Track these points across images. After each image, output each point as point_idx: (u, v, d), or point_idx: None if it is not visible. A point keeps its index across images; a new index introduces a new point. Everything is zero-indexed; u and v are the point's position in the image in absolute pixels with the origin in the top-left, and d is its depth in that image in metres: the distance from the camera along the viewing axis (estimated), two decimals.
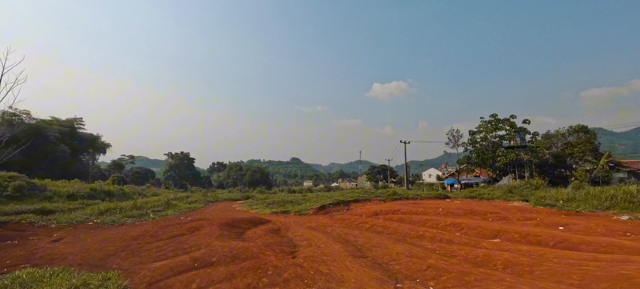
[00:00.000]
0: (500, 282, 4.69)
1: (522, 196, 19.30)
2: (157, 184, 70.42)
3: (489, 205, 17.16)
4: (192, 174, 76.67)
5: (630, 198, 14.11)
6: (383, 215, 14.66)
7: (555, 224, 10.75)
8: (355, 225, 12.14)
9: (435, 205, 17.18)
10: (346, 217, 14.30)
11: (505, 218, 12.55)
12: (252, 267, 5.63)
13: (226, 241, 7.98)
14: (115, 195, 22.59)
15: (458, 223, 11.12)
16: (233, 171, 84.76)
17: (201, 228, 10.05)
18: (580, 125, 47.43)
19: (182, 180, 72.43)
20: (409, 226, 10.61)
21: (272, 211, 17.29)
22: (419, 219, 12.54)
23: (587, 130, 45.98)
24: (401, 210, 15.28)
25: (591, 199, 15.46)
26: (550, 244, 8.00)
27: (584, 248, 7.40)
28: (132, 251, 8.01)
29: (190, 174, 75.64)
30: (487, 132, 34.46)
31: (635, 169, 37.97)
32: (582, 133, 45.12)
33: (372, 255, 7.02)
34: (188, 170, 75.97)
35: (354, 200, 19.64)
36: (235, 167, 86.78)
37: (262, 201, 21.78)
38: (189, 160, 77.29)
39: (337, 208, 17.28)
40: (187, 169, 75.87)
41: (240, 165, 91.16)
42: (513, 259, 6.09)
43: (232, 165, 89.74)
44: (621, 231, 8.97)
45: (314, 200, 19.93)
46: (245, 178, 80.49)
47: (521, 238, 8.65)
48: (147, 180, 71.86)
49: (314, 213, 16.25)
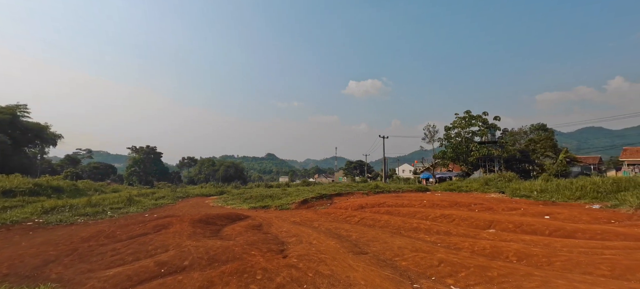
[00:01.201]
0: (529, 277, 4.11)
1: (498, 188, 19.92)
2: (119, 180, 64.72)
3: (470, 197, 17.38)
4: (159, 170, 71.44)
5: (598, 188, 14.92)
6: (369, 208, 14.09)
7: (540, 213, 10.83)
8: (343, 219, 11.38)
9: (418, 198, 17.02)
10: (331, 211, 13.52)
11: (490, 208, 12.53)
12: (235, 271, 4.56)
13: (201, 240, 6.76)
14: (65, 191, 19.78)
15: (448, 214, 10.80)
16: (205, 166, 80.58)
17: (169, 226, 8.65)
18: (540, 124, 51.15)
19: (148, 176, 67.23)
20: (401, 219, 10.06)
21: (250, 206, 16.02)
22: (407, 211, 12.10)
23: (545, 128, 49.74)
24: (386, 203, 14.84)
25: (562, 190, 16.20)
26: (546, 233, 7.81)
27: (580, 235, 7.26)
28: (80, 255, 6.51)
29: (157, 170, 70.42)
30: (461, 128, 35.75)
31: (586, 164, 41.70)
32: (541, 131, 48.72)
33: (372, 251, 6.25)
34: (155, 165, 70.69)
35: (337, 194, 18.96)
36: (207, 162, 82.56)
37: (239, 197, 20.31)
38: (155, 154, 71.91)
39: (320, 202, 16.45)
40: (154, 164, 70.59)
41: (213, 161, 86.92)
42: (524, 250, 5.65)
43: (204, 160, 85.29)
44: (605, 218, 9.14)
45: (295, 194, 18.93)
46: (218, 174, 76.85)
47: (516, 228, 8.42)
48: (108, 176, 65.75)
49: (296, 207, 15.27)
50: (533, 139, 41.04)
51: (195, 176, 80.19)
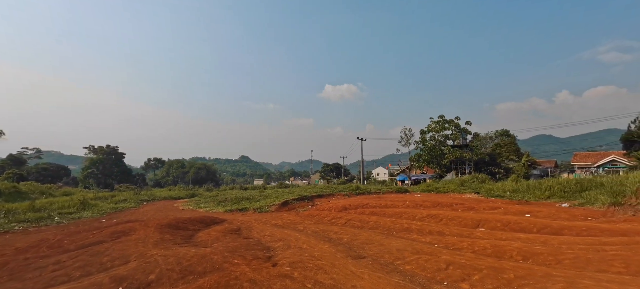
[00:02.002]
0: (550, 278, 3.76)
1: (473, 189, 20.56)
2: (73, 183, 58.44)
3: (449, 197, 17.64)
4: (121, 171, 65.67)
5: (564, 188, 15.81)
6: (353, 209, 13.62)
7: (520, 211, 11.06)
8: (328, 221, 10.75)
9: (400, 199, 16.92)
10: (314, 213, 12.83)
11: (472, 208, 12.65)
12: (216, 284, 3.72)
13: (170, 248, 5.73)
14: (3, 194, 16.98)
15: (434, 214, 10.62)
16: (173, 168, 75.78)
17: (131, 233, 7.42)
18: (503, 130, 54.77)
19: (108, 178, 61.48)
20: (390, 219, 9.66)
21: (225, 209, 14.81)
22: (393, 212, 11.78)
23: (508, 134, 53.39)
24: (370, 204, 14.48)
25: (533, 190, 17.01)
26: (534, 230, 7.80)
27: (567, 232, 7.32)
28: (11, 271, 5.21)
29: (118, 171, 64.69)
30: (435, 132, 37.05)
31: (544, 167, 45.27)
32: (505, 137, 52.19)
33: (370, 254, 5.68)
34: (116, 167, 64.94)
35: (318, 195, 18.32)
36: (176, 164, 77.72)
37: (212, 199, 18.88)
38: (117, 155, 66.11)
39: (301, 204, 15.68)
40: (115, 165, 64.84)
41: (182, 162, 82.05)
42: (526, 248, 5.42)
43: (172, 162, 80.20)
44: (582, 216, 9.46)
45: (274, 195, 17.97)
46: (188, 176, 72.61)
47: (504, 226, 8.37)
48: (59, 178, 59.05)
49: (276, 209, 14.36)
50: (499, 144, 43.76)
51: (162, 179, 74.98)
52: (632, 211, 8.65)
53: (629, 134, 37.23)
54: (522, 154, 42.29)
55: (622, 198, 9.42)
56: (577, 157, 48.48)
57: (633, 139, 36.02)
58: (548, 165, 46.45)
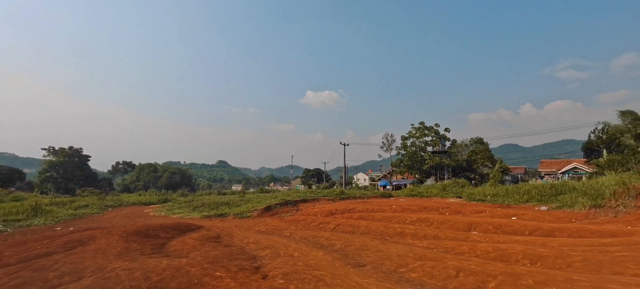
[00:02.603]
0: (573, 283, 3.45)
1: (455, 194, 20.89)
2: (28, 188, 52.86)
3: (433, 202, 17.69)
4: (85, 175, 60.46)
5: (541, 192, 16.41)
6: (340, 213, 13.11)
7: (506, 214, 11.14)
8: (315, 226, 10.13)
9: (386, 203, 16.69)
10: (299, 218, 12.15)
11: (459, 211, 12.63)
12: None
13: (137, 260, 4.85)
14: None
15: (424, 218, 10.38)
16: (145, 172, 71.26)
17: (89, 242, 6.35)
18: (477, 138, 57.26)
19: (69, 182, 56.32)
20: (381, 224, 9.24)
21: (202, 215, 13.69)
22: (382, 216, 11.43)
23: (482, 141, 55.89)
24: (357, 209, 14.06)
25: (511, 194, 17.52)
26: (527, 233, 7.73)
27: (559, 234, 7.29)
28: None
29: (82, 175, 59.50)
30: (416, 138, 37.83)
31: (515, 174, 47.70)
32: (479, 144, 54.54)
33: (369, 261, 5.17)
34: (79, 170, 59.75)
35: (302, 200, 17.63)
36: (147, 168, 73.17)
37: (187, 205, 17.52)
38: (80, 157, 60.89)
39: (285, 209, 14.91)
40: (78, 169, 59.67)
41: (154, 166, 77.44)
42: (530, 251, 5.18)
43: (143, 166, 75.44)
44: (566, 218, 9.64)
45: (255, 200, 17.03)
46: (161, 181, 68.53)
47: (496, 229, 8.25)
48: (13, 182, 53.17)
49: (258, 215, 13.49)
50: (474, 151, 45.56)
51: (131, 184, 70.13)
52: (612, 212, 8.91)
53: (589, 143, 40.24)
54: (496, 161, 44.22)
55: (602, 201, 9.73)
56: (543, 164, 51.66)
57: (593, 147, 38.94)
58: (518, 171, 49.08)
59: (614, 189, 9.66)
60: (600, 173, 31.69)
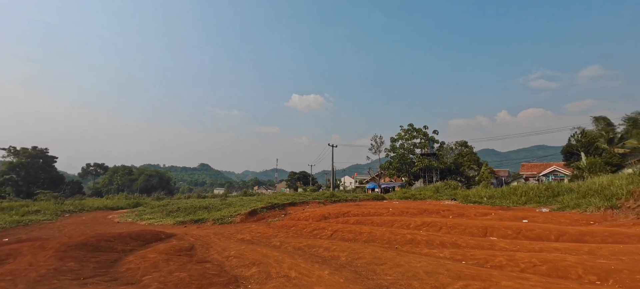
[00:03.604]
0: None
1: (448, 196, 20.18)
2: None
3: (430, 204, 16.78)
4: (50, 178, 55.37)
5: (539, 194, 15.92)
6: (334, 218, 11.81)
7: (515, 217, 10.28)
8: (309, 233, 8.75)
9: (381, 206, 15.58)
10: (289, 223, 10.72)
11: (462, 214, 11.68)
12: None
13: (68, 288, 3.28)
14: None
15: (429, 222, 9.28)
16: (119, 175, 66.65)
17: (8, 260, 4.66)
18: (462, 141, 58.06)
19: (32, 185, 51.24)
20: (386, 230, 8.01)
21: (176, 221, 11.92)
22: (381, 220, 10.23)
23: (466, 144, 56.70)
24: (351, 212, 12.81)
25: (508, 196, 16.94)
26: (552, 238, 6.78)
27: (590, 238, 6.37)
28: None
29: (47, 178, 54.43)
30: (405, 140, 37.36)
31: (500, 176, 48.48)
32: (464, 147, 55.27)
33: (391, 282, 3.89)
34: (44, 173, 54.69)
35: (290, 203, 16.15)
36: (121, 171, 68.53)
37: (160, 209, 15.58)
38: (46, 158, 55.80)
39: (272, 213, 13.40)
40: (42, 171, 54.61)
41: (130, 169, 72.71)
42: (591, 264, 4.11)
43: (117, 168, 70.65)
44: (583, 220, 8.86)
45: (239, 204, 15.37)
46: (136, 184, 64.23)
47: (517, 234, 7.25)
48: None
49: (242, 220, 11.91)
50: (461, 153, 45.91)
51: (104, 187, 65.26)
52: (633, 214, 8.20)
53: (568, 146, 41.49)
54: (481, 164, 44.68)
55: (618, 201, 9.05)
56: (525, 167, 53.01)
57: (572, 151, 40.14)
58: (502, 174, 50.02)
59: (630, 189, 9.01)
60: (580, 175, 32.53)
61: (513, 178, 53.22)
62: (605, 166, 31.24)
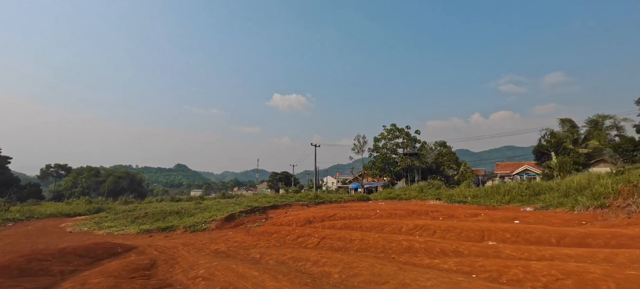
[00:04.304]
0: None
1: (433, 195, 20.07)
2: None
3: (415, 205, 16.44)
4: (2, 181, 49.88)
5: (521, 192, 16.07)
6: (319, 222, 10.97)
7: (505, 218, 10.01)
8: (293, 241, 7.85)
9: (368, 207, 14.96)
10: (270, 229, 9.74)
11: (452, 215, 11.29)
12: None
13: None
14: None
15: (422, 225, 8.71)
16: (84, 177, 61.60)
17: None
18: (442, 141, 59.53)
19: None
20: (379, 236, 7.29)
21: (141, 229, 10.51)
22: (370, 224, 9.54)
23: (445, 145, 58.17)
24: (338, 215, 12.04)
25: (492, 195, 17.00)
26: (553, 241, 6.39)
27: (592, 242, 6.03)
28: None
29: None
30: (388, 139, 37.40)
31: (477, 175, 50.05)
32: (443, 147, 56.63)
33: None
34: None
35: (272, 206, 15.12)
36: (87, 172, 63.41)
37: (126, 215, 13.95)
38: None
39: (252, 218, 12.32)
40: None
41: (97, 170, 67.46)
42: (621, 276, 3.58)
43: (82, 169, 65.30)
44: (574, 220, 8.68)
45: (214, 208, 14.11)
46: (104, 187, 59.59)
47: (516, 238, 6.81)
48: None
49: (218, 226, 10.74)
50: (441, 153, 46.87)
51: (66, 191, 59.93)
52: (623, 213, 8.10)
53: (539, 147, 43.62)
54: (460, 163, 45.83)
55: (606, 200, 8.98)
56: (499, 166, 55.24)
57: (543, 151, 42.22)
58: (479, 173, 51.75)
59: (619, 188, 8.97)
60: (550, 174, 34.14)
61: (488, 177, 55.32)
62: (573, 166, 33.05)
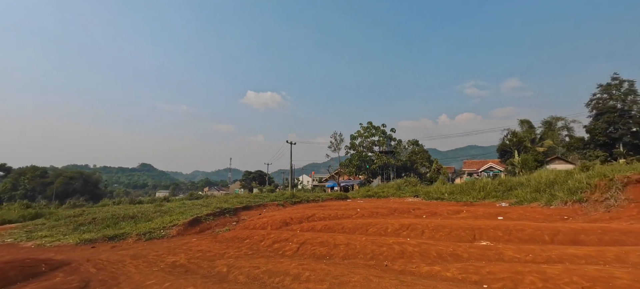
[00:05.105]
0: None
1: (411, 192, 20.00)
2: None
3: (395, 202, 16.10)
4: None
5: (495, 188, 16.41)
6: (297, 223, 10.03)
7: (488, 214, 9.82)
8: (268, 247, 6.81)
9: (348, 206, 14.28)
10: (242, 234, 8.58)
11: (435, 213, 10.95)
12: None
13: None
14: None
15: (407, 224, 8.14)
16: (27, 178, 54.48)
17: None
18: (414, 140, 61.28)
19: None
20: (366, 239, 6.52)
21: (82, 239, 8.76)
22: (352, 224, 8.79)
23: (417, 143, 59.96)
24: (317, 215, 11.18)
25: (467, 191, 17.20)
26: (546, 239, 6.08)
27: (586, 238, 5.78)
28: None
29: None
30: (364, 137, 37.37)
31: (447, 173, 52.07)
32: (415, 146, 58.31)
33: None
34: None
35: (244, 207, 13.85)
36: (31, 173, 56.18)
37: (68, 222, 11.88)
38: None
39: (221, 221, 11.01)
40: None
41: (44, 170, 60.06)
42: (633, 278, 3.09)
43: (25, 169, 57.76)
44: (556, 215, 8.64)
45: (178, 210, 12.53)
46: (52, 189, 53.15)
47: (509, 236, 6.42)
48: None
49: (180, 233, 9.33)
50: (414, 152, 48.09)
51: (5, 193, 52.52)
52: (602, 207, 8.16)
53: (503, 145, 46.43)
54: (432, 161, 47.31)
55: (583, 195, 9.08)
56: (466, 164, 58.13)
57: (506, 149, 44.98)
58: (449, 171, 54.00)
59: (595, 182, 9.11)
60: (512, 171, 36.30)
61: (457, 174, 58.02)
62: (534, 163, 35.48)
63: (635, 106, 36.48)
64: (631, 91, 36.84)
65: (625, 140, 37.08)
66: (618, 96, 37.78)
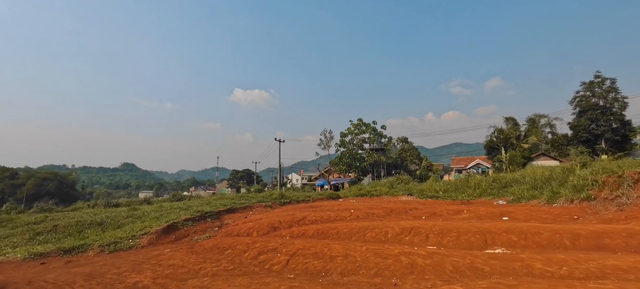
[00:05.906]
0: None
1: (404, 191, 19.41)
2: None
3: (389, 201, 15.40)
4: None
5: (490, 185, 16.01)
6: (286, 228, 9.08)
7: (492, 214, 9.23)
8: (252, 261, 5.84)
9: (340, 207, 13.43)
10: (224, 242, 7.55)
11: (434, 213, 10.28)
12: None
13: None
14: None
15: (408, 228, 7.37)
16: None
17: None
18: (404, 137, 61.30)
19: None
20: (367, 248, 5.66)
21: (32, 252, 7.47)
22: (348, 229, 7.94)
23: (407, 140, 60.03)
24: (308, 218, 10.27)
25: (462, 188, 16.76)
26: (567, 243, 5.44)
27: (611, 243, 5.17)
28: None
29: None
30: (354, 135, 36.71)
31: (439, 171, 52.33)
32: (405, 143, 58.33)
33: None
34: None
35: (228, 210, 12.74)
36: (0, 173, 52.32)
37: (26, 230, 10.45)
38: None
39: (201, 226, 9.90)
40: None
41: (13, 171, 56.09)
42: None
43: None
44: (565, 214, 8.10)
45: (153, 214, 11.30)
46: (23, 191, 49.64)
47: (526, 241, 5.75)
48: None
49: (151, 241, 8.18)
50: (404, 149, 47.92)
51: None
52: (613, 205, 7.66)
53: (490, 142, 46.99)
54: (422, 158, 47.30)
55: (591, 192, 8.60)
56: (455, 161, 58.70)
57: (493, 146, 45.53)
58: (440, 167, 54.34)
59: (602, 178, 8.64)
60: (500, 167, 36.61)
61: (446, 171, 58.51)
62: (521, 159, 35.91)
63: (616, 103, 37.54)
64: (612, 89, 37.87)
65: (606, 136, 38.15)
66: (600, 94, 38.78)
